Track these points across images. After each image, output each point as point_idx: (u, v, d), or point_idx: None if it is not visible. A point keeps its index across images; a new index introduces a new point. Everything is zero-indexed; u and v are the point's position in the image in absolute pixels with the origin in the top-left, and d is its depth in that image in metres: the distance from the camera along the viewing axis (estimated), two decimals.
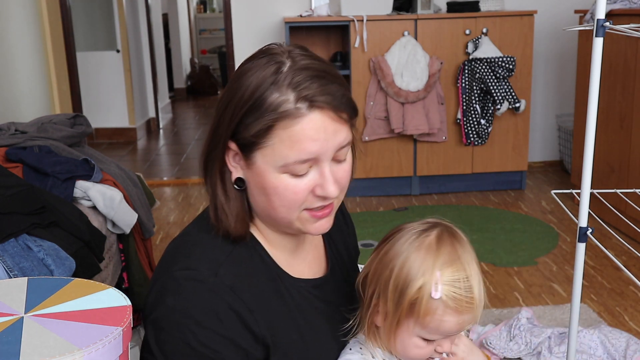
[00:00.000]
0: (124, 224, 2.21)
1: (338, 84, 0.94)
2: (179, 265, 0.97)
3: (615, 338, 2.15)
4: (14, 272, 1.59)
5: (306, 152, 0.91)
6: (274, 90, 0.90)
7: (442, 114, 4.00)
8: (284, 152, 0.91)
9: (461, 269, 0.98)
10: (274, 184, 0.94)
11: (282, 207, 0.96)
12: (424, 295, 0.96)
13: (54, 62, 4.24)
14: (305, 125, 0.90)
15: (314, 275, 1.11)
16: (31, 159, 2.15)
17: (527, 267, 2.96)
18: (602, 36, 1.21)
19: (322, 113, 0.91)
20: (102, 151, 3.81)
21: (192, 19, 10.46)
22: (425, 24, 3.93)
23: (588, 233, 1.30)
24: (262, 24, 4.44)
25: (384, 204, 3.99)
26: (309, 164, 0.93)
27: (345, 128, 0.94)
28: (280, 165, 0.92)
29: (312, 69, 0.92)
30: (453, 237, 1.02)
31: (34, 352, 0.75)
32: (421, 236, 1.01)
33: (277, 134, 0.91)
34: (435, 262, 0.98)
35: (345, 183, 0.99)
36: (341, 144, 0.94)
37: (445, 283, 0.97)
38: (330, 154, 0.94)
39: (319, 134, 0.91)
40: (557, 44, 4.55)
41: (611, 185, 3.39)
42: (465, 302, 0.97)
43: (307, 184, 0.95)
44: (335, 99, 0.92)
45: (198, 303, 0.94)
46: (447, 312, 0.97)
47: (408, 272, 0.98)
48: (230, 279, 0.96)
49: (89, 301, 0.89)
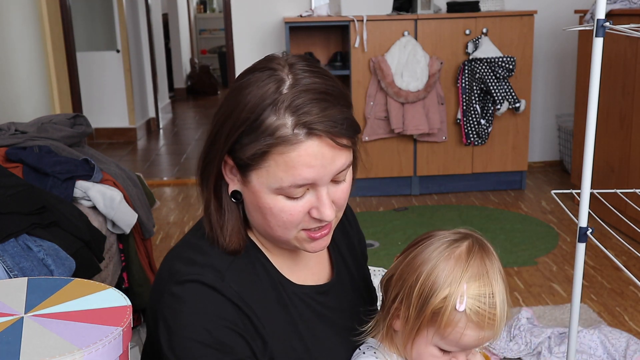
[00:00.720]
0: (124, 224, 2.21)
1: (341, 105, 0.90)
2: (185, 272, 0.96)
3: (615, 338, 2.15)
4: (14, 272, 1.59)
5: (301, 177, 0.89)
6: (272, 112, 0.87)
7: (442, 114, 4.00)
8: (278, 175, 0.89)
9: (488, 284, 0.98)
10: (269, 205, 0.92)
11: (277, 227, 0.95)
12: (448, 305, 0.95)
13: (54, 62, 4.24)
14: (302, 152, 0.88)
15: (317, 281, 1.10)
16: (31, 159, 2.15)
17: (527, 267, 2.96)
18: (602, 36, 1.21)
19: (320, 140, 0.88)
20: (102, 151, 3.81)
21: (192, 19, 10.46)
22: (425, 24, 3.93)
23: (588, 233, 1.30)
24: (262, 24, 4.43)
25: (384, 204, 3.99)
26: (306, 188, 0.92)
27: (345, 153, 0.92)
28: (275, 188, 0.91)
29: (313, 90, 0.89)
30: (483, 250, 1.02)
31: (34, 352, 0.75)
32: (452, 246, 1.00)
33: (273, 158, 0.89)
34: (463, 274, 0.97)
35: (343, 203, 0.97)
36: (340, 169, 0.92)
37: (471, 297, 0.96)
38: (328, 179, 0.92)
39: (316, 161, 0.88)
40: (557, 44, 4.55)
41: (611, 185, 3.39)
42: (488, 319, 0.96)
43: (303, 206, 0.93)
44: (335, 126, 0.88)
45: (209, 304, 0.93)
46: (468, 326, 0.96)
47: (435, 280, 0.97)
48: (237, 285, 0.96)
49: (89, 301, 0.89)
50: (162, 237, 3.48)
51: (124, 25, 6.06)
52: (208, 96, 9.48)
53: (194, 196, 4.30)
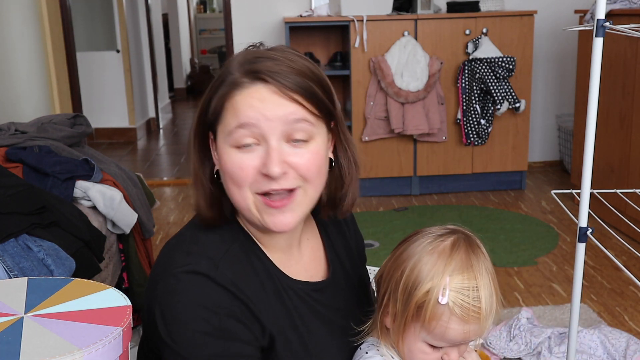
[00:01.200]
0: (124, 224, 2.21)
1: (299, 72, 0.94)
2: (179, 263, 0.97)
3: (615, 338, 2.15)
4: (14, 272, 1.59)
5: (244, 116, 0.93)
6: (229, 70, 0.96)
7: (442, 114, 4.00)
8: (228, 120, 0.94)
9: (472, 278, 0.97)
10: (225, 161, 0.96)
11: (233, 187, 0.96)
12: (431, 299, 0.96)
13: (54, 62, 4.24)
14: (245, 94, 0.93)
15: (311, 278, 1.10)
16: (31, 159, 2.15)
17: (527, 267, 2.96)
18: (602, 36, 1.21)
19: (266, 86, 0.93)
20: (102, 151, 3.81)
21: (192, 19, 10.46)
22: (425, 24, 3.93)
23: (588, 233, 1.30)
24: (262, 24, 4.43)
25: (384, 204, 3.99)
26: (253, 137, 0.94)
27: (296, 106, 0.94)
28: (227, 136, 0.95)
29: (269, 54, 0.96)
30: (469, 245, 1.01)
31: (34, 352, 0.75)
32: (437, 240, 1.01)
33: (225, 107, 0.95)
34: (446, 267, 0.97)
35: (305, 170, 0.96)
36: (287, 117, 0.93)
37: (453, 289, 0.96)
38: (276, 127, 0.93)
39: (259, 103, 0.92)
40: (557, 44, 4.55)
41: (611, 185, 3.39)
42: (472, 312, 0.96)
43: (253, 160, 0.94)
44: (284, 78, 0.93)
45: (205, 293, 0.94)
46: (452, 319, 0.96)
47: (418, 274, 0.98)
48: (231, 274, 0.96)
49: (89, 301, 0.89)
50: (162, 237, 3.48)
51: (124, 25, 6.06)
52: None
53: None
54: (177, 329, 0.93)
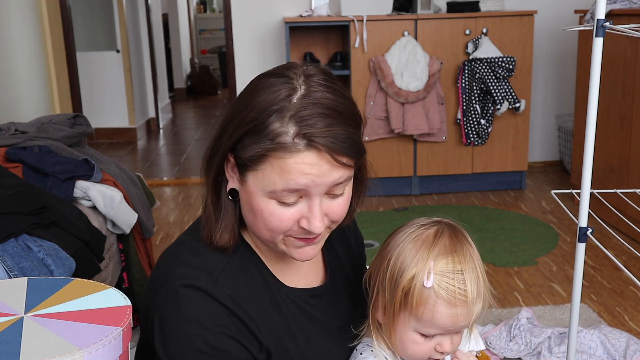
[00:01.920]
0: (124, 224, 2.21)
1: (347, 124, 0.91)
2: (179, 275, 0.97)
3: (615, 338, 2.15)
4: (14, 272, 1.59)
5: (295, 183, 0.89)
6: (277, 118, 0.88)
7: (442, 114, 4.00)
8: (273, 179, 0.90)
9: (456, 262, 0.98)
10: (261, 207, 0.93)
11: (266, 230, 0.95)
12: (417, 284, 0.97)
13: (54, 62, 4.24)
14: (298, 160, 0.88)
15: (310, 284, 1.10)
16: (31, 159, 2.15)
17: (527, 267, 2.96)
18: (602, 36, 1.21)
19: (319, 154, 0.88)
20: (102, 151, 3.81)
21: (192, 19, 10.46)
22: (425, 24, 3.93)
23: (588, 233, 1.30)
24: (262, 24, 4.43)
25: (384, 204, 3.99)
26: (298, 195, 0.92)
27: (343, 170, 0.92)
28: (269, 191, 0.91)
29: (323, 105, 0.89)
30: (453, 232, 1.02)
31: (34, 352, 0.75)
32: (420, 229, 1.02)
33: (270, 162, 0.89)
34: (430, 252, 0.98)
35: (337, 217, 0.97)
36: (335, 182, 0.92)
37: (438, 273, 0.97)
38: (322, 190, 0.92)
39: (311, 169, 0.89)
40: (557, 44, 4.55)
41: (611, 185, 3.39)
42: (458, 294, 0.96)
43: (294, 214, 0.93)
44: (337, 143, 0.88)
45: (202, 309, 0.94)
46: (439, 302, 0.96)
47: (402, 260, 0.99)
48: (230, 289, 0.96)
49: (89, 301, 0.89)
50: (162, 237, 3.48)
51: (124, 25, 6.06)
52: (208, 96, 9.48)
53: (194, 196, 4.30)
54: (172, 343, 0.93)
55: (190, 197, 4.29)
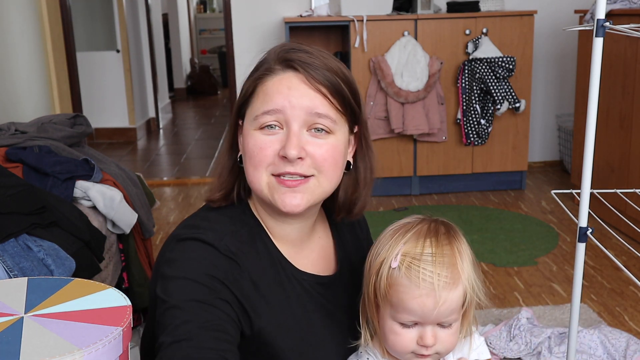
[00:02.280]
0: (124, 224, 2.21)
1: (330, 68, 0.99)
2: (186, 232, 1.01)
3: (615, 338, 2.15)
4: (14, 272, 1.59)
5: (272, 102, 0.97)
6: (268, 59, 1.01)
7: (442, 114, 4.00)
8: (257, 105, 0.99)
9: (428, 246, 0.96)
10: (249, 143, 0.99)
11: (251, 167, 1.00)
12: (385, 266, 0.97)
13: (54, 62, 4.24)
14: (276, 80, 0.98)
15: (318, 272, 1.11)
16: (31, 159, 2.15)
17: (527, 267, 2.96)
18: (602, 36, 1.21)
19: (296, 75, 0.98)
20: (102, 151, 3.81)
21: (192, 19, 10.46)
22: (425, 24, 3.93)
23: (588, 233, 1.30)
24: (262, 24, 4.44)
25: (384, 204, 3.99)
26: (278, 121, 0.98)
27: (321, 99, 0.98)
28: (253, 119, 0.99)
29: (307, 49, 1.00)
30: (435, 222, 1.01)
31: (34, 352, 0.75)
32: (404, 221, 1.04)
33: (256, 92, 1.00)
34: (403, 237, 0.98)
35: (320, 161, 0.99)
36: (312, 109, 0.97)
37: (406, 254, 0.96)
38: (300, 115, 0.97)
39: (287, 90, 0.97)
40: (557, 44, 4.55)
41: (611, 185, 3.39)
42: (423, 276, 0.93)
43: (273, 142, 0.98)
44: (314, 70, 0.97)
45: (204, 255, 0.97)
46: (403, 283, 0.95)
47: (378, 249, 1.00)
48: (235, 249, 0.99)
49: (89, 301, 0.89)
50: (162, 237, 3.48)
51: (124, 25, 6.06)
52: (208, 96, 9.48)
53: (194, 196, 4.30)
54: (170, 280, 0.95)
55: (190, 197, 4.29)
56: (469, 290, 0.97)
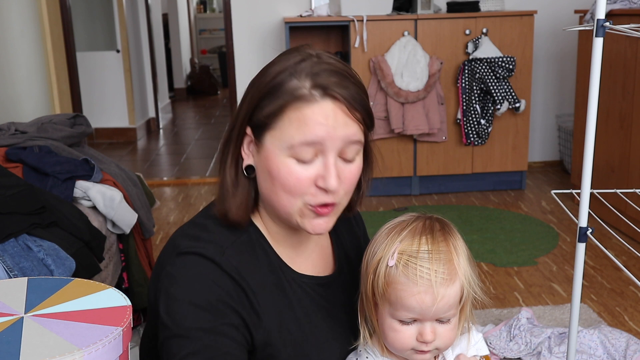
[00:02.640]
0: (124, 224, 2.21)
1: (357, 86, 0.96)
2: (186, 245, 0.99)
3: (615, 338, 2.15)
4: (14, 272, 1.59)
5: (312, 134, 0.92)
6: (293, 77, 0.93)
7: (442, 114, 4.00)
8: (291, 132, 0.93)
9: (424, 243, 0.97)
10: (279, 167, 0.95)
11: (283, 193, 0.96)
12: (382, 264, 0.97)
13: (54, 62, 4.24)
14: (315, 109, 0.92)
15: (318, 273, 1.11)
16: (31, 159, 2.15)
17: (527, 267, 2.96)
18: (602, 36, 1.21)
19: (335, 103, 0.93)
20: (102, 151, 3.81)
21: (192, 19, 10.46)
22: (425, 24, 3.93)
23: (588, 233, 1.30)
24: (262, 24, 4.44)
25: (384, 204, 3.99)
26: (314, 151, 0.94)
27: (357, 126, 0.95)
28: (287, 147, 0.93)
29: (335, 66, 0.95)
30: (430, 220, 1.02)
31: (34, 352, 0.75)
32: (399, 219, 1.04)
33: (287, 115, 0.93)
34: (399, 235, 0.99)
35: (349, 185, 0.99)
36: (349, 137, 0.95)
37: (402, 252, 0.96)
38: (337, 144, 0.94)
39: (327, 120, 0.92)
40: (557, 44, 4.55)
41: (611, 185, 3.39)
42: (420, 272, 0.95)
43: (311, 172, 0.95)
44: (350, 96, 0.93)
45: (206, 274, 0.95)
46: (401, 281, 0.96)
47: (375, 248, 1.01)
48: (236, 262, 0.98)
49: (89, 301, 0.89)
50: (162, 237, 3.48)
51: (124, 25, 6.06)
52: (208, 96, 9.48)
53: (194, 196, 4.30)
54: (174, 303, 0.94)
55: (190, 197, 4.29)
56: (466, 285, 0.99)
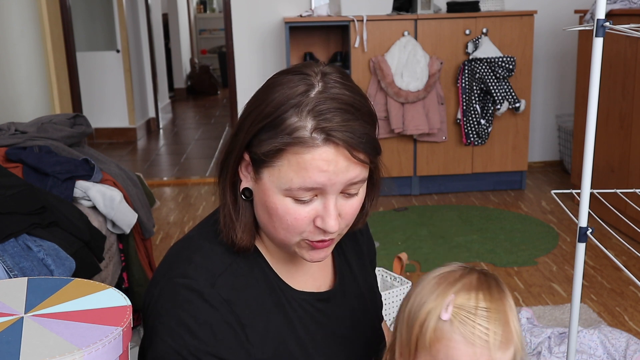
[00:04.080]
0: (124, 224, 2.21)
1: (363, 121, 0.90)
2: (179, 272, 0.97)
3: (615, 338, 2.15)
4: (14, 272, 1.59)
5: (311, 181, 0.89)
6: (294, 113, 0.88)
7: (442, 114, 4.00)
8: (289, 175, 0.89)
9: (481, 299, 0.87)
10: (276, 205, 0.92)
11: (281, 230, 0.94)
12: (433, 317, 0.87)
13: (54, 62, 4.24)
14: (316, 156, 0.87)
15: (318, 288, 1.09)
16: (31, 159, 2.15)
17: (527, 267, 2.96)
18: (602, 36, 1.21)
19: (337, 149, 0.88)
20: (102, 151, 3.81)
21: (192, 19, 10.46)
22: (425, 24, 3.93)
23: (588, 233, 1.30)
24: (262, 24, 4.44)
25: (384, 204, 3.99)
26: (314, 193, 0.91)
27: (360, 167, 0.91)
28: (285, 189, 0.90)
29: (340, 100, 0.89)
30: (483, 274, 0.92)
31: (34, 352, 0.75)
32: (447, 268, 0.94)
33: (287, 157, 0.89)
34: (452, 287, 0.89)
35: (350, 218, 0.97)
36: (351, 180, 0.91)
37: (458, 306, 0.86)
38: (338, 188, 0.91)
39: (328, 166, 0.88)
40: (557, 44, 4.55)
41: (611, 185, 3.39)
42: (479, 332, 0.85)
43: (309, 212, 0.92)
44: (354, 138, 0.88)
45: (193, 312, 0.93)
46: (455, 339, 0.85)
47: (422, 296, 0.90)
48: (227, 292, 0.96)
49: (89, 301, 0.89)
50: (162, 237, 3.48)
51: (124, 25, 6.06)
52: (208, 96, 9.48)
53: (194, 196, 4.30)
54: (159, 338, 0.93)
55: (190, 197, 4.29)
56: (520, 350, 0.89)
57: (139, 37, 6.63)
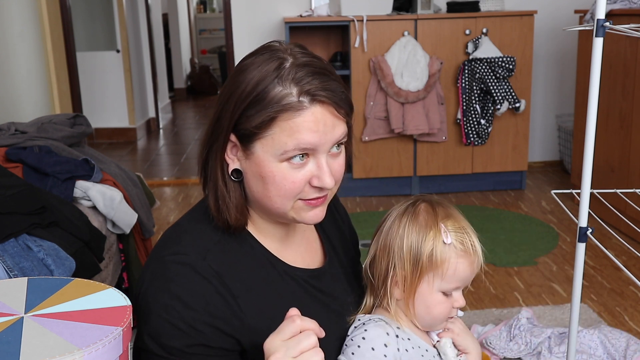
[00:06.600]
0: (124, 224, 2.21)
1: (337, 81, 0.98)
2: (169, 251, 1.00)
3: (615, 338, 2.15)
4: (14, 272, 1.59)
5: (305, 141, 0.95)
6: (277, 84, 0.94)
7: (442, 114, 4.00)
8: (283, 140, 0.95)
9: (456, 222, 1.12)
10: (273, 173, 0.97)
11: (277, 197, 0.99)
12: (438, 244, 1.09)
13: (54, 62, 4.24)
14: (306, 117, 0.94)
15: (308, 265, 1.13)
16: (31, 159, 2.15)
17: (527, 267, 2.96)
18: (602, 36, 1.21)
19: (323, 107, 0.95)
20: (102, 151, 3.81)
21: (192, 19, 10.45)
22: (425, 24, 3.93)
23: (588, 233, 1.30)
24: (262, 24, 4.44)
25: (384, 204, 3.99)
26: (307, 155, 0.97)
27: (343, 124, 0.99)
28: (280, 154, 0.96)
29: (313, 66, 0.97)
30: (436, 202, 1.15)
31: (34, 352, 0.75)
32: (409, 208, 1.14)
33: (278, 125, 0.94)
34: (435, 218, 1.11)
35: (339, 176, 1.03)
36: (338, 138, 0.98)
37: (450, 231, 1.10)
38: (328, 146, 0.98)
39: (318, 126, 0.95)
40: (557, 44, 4.55)
41: (611, 185, 3.39)
42: (471, 245, 1.10)
43: (305, 174, 0.98)
44: (336, 95, 0.96)
45: (185, 285, 0.97)
46: (459, 255, 1.09)
47: (417, 234, 1.10)
48: (217, 265, 0.99)
49: (89, 301, 0.89)
50: None
51: (124, 25, 6.06)
52: (208, 96, 9.48)
53: (194, 196, 4.30)
54: (153, 314, 0.97)
55: (190, 197, 4.29)
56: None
57: (139, 37, 6.63)
